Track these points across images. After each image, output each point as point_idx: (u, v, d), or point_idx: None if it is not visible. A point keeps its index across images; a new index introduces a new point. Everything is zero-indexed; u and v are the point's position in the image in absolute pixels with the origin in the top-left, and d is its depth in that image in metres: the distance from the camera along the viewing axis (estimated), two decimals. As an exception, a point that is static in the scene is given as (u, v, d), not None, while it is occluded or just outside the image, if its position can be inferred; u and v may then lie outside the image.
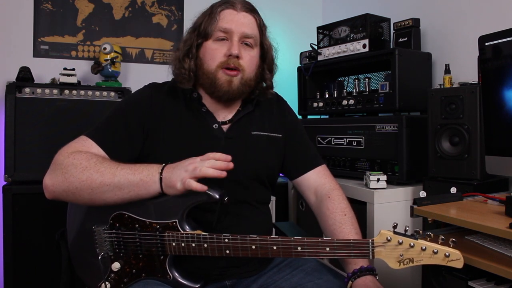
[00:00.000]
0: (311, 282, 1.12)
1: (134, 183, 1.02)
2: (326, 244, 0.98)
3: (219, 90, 1.16)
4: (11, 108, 1.94)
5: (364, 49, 2.01)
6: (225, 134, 1.20)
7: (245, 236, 1.01)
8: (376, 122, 1.91)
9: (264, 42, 1.24)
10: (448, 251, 0.91)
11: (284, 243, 1.00)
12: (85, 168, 1.03)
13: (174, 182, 1.00)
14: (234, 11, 1.17)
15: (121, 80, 2.38)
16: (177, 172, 1.00)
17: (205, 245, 1.02)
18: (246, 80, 1.18)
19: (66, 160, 1.05)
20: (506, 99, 1.26)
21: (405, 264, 0.94)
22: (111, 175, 1.02)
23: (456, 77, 1.85)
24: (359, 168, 1.99)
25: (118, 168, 1.04)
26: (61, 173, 1.04)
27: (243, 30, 1.16)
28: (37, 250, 1.92)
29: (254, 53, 1.20)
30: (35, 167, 1.93)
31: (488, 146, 1.35)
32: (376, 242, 0.95)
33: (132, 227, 1.07)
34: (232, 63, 1.15)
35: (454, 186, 1.38)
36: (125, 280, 1.09)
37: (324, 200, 1.24)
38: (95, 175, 1.02)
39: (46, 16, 2.38)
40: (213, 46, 1.17)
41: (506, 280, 1.03)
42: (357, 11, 2.12)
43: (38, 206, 1.91)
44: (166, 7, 2.66)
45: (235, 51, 1.14)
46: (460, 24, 2.01)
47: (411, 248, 0.93)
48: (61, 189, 1.05)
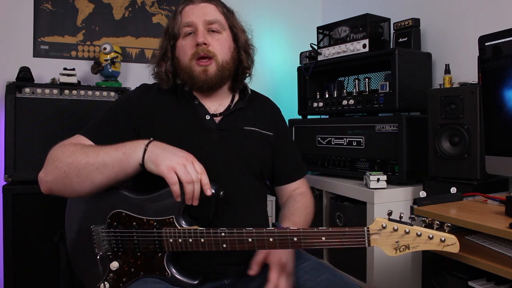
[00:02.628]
0: (309, 280, 1.12)
1: (118, 158, 1.03)
2: (322, 233, 0.98)
3: (197, 81, 1.20)
4: (11, 108, 1.94)
5: (364, 49, 2.01)
6: (217, 125, 1.23)
7: (241, 229, 1.02)
8: (376, 122, 1.91)
9: (233, 25, 1.27)
10: (443, 236, 0.91)
11: (280, 234, 1.00)
12: (71, 152, 1.06)
13: (160, 161, 1.00)
14: (192, 5, 1.23)
15: (121, 80, 2.38)
16: (167, 155, 1.00)
17: (202, 240, 1.03)
18: (222, 64, 1.21)
19: (55, 151, 1.09)
20: (506, 99, 1.26)
21: (401, 251, 0.94)
22: (95, 154, 1.04)
23: (456, 77, 1.85)
24: (359, 168, 1.99)
25: (103, 148, 1.06)
26: (51, 162, 1.07)
27: (204, 18, 1.21)
28: (37, 250, 1.92)
29: (223, 37, 1.23)
30: (35, 167, 1.90)
31: (488, 146, 1.35)
32: (372, 229, 0.95)
33: (130, 225, 1.08)
34: (201, 51, 1.18)
35: (454, 186, 1.38)
36: (124, 280, 1.09)
37: (295, 196, 1.35)
38: (80, 156, 1.04)
39: (46, 16, 2.38)
40: (183, 42, 1.22)
41: (506, 280, 1.03)
42: (357, 11, 2.12)
43: (38, 206, 1.91)
44: (166, 7, 2.66)
45: (200, 39, 1.18)
46: (460, 24, 2.01)
47: (406, 234, 0.93)
48: (52, 178, 1.06)
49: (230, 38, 1.26)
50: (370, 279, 1.73)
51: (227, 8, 1.28)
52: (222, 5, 1.27)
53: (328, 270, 1.17)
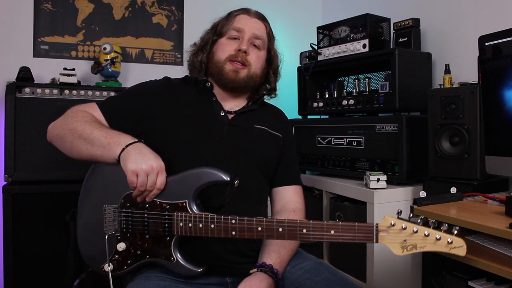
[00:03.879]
0: (309, 280, 1.13)
1: (103, 145, 1.11)
2: (331, 227, 0.99)
3: (225, 77, 1.28)
4: (11, 108, 1.95)
5: (364, 49, 2.01)
6: (230, 121, 1.29)
7: (252, 218, 1.03)
8: (376, 122, 1.91)
9: (272, 48, 1.40)
10: (451, 238, 0.91)
11: (290, 226, 1.02)
12: (76, 121, 1.17)
13: (128, 163, 1.06)
14: (248, 16, 1.35)
15: (121, 80, 2.38)
16: (138, 159, 1.06)
17: (212, 226, 1.05)
18: (252, 74, 1.31)
19: (71, 112, 1.22)
20: (506, 99, 1.26)
21: (408, 250, 0.94)
22: (90, 132, 1.13)
23: (456, 77, 1.85)
24: (359, 168, 1.99)
25: (99, 128, 1.15)
26: (62, 120, 1.21)
27: (253, 31, 1.32)
28: (37, 250, 1.92)
29: (261, 54, 1.35)
30: (35, 167, 1.93)
31: (488, 146, 1.35)
32: (381, 226, 0.96)
33: (142, 206, 1.10)
34: (240, 57, 1.29)
35: (454, 186, 1.38)
36: (129, 262, 1.11)
37: (287, 211, 1.30)
38: (79, 127, 1.15)
39: (46, 16, 2.38)
40: (226, 42, 1.32)
41: (506, 280, 1.03)
42: (357, 11, 2.12)
43: (38, 206, 1.90)
44: (166, 7, 2.67)
45: (244, 46, 1.29)
46: (460, 24, 2.01)
47: (414, 234, 0.93)
48: (55, 133, 1.20)
49: (265, 57, 1.37)
50: (370, 279, 1.73)
51: (272, 32, 1.41)
52: (270, 28, 1.40)
53: (328, 269, 1.18)
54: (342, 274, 1.19)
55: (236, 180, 1.07)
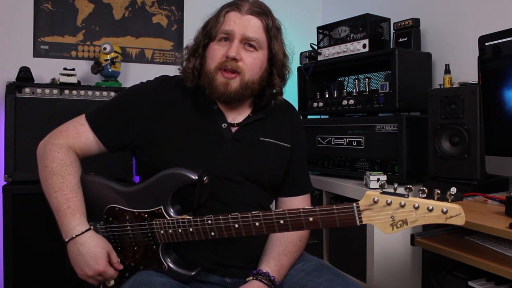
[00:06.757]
0: (311, 281, 1.11)
1: (57, 216, 1.09)
2: (309, 213, 0.93)
3: (215, 91, 1.14)
4: (11, 108, 1.94)
5: (364, 49, 2.01)
6: (233, 135, 1.18)
7: (227, 215, 1.00)
8: (376, 122, 1.91)
9: (273, 46, 1.19)
10: (445, 207, 0.80)
11: (266, 218, 0.97)
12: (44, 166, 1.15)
13: (73, 262, 1.08)
14: (238, 13, 1.15)
15: (121, 80, 2.38)
16: (79, 262, 1.06)
17: (191, 229, 1.03)
18: (246, 82, 1.14)
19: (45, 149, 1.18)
20: (506, 99, 1.26)
21: (399, 227, 0.83)
22: (48, 193, 1.11)
23: (456, 77, 1.85)
24: (359, 168, 1.99)
25: (56, 194, 1.10)
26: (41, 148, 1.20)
27: (244, 32, 1.13)
28: (37, 250, 1.92)
29: (258, 56, 1.16)
30: (35, 167, 1.89)
31: (488, 146, 1.35)
32: (362, 205, 0.86)
33: (124, 219, 1.09)
34: (230, 65, 1.12)
35: (454, 186, 1.38)
36: (127, 275, 1.10)
37: None
38: (44, 178, 1.14)
39: (46, 16, 2.38)
40: (215, 47, 1.16)
41: (506, 280, 1.03)
42: (357, 11, 2.12)
43: (38, 206, 1.89)
44: (166, 7, 2.66)
45: (232, 53, 1.11)
46: (460, 24, 2.01)
47: (402, 208, 0.83)
48: (38, 155, 1.20)
49: (265, 58, 1.18)
50: (370, 279, 1.72)
51: (274, 24, 1.21)
52: (269, 22, 1.19)
53: (330, 270, 1.16)
54: (345, 275, 1.16)
55: (205, 177, 1.03)
